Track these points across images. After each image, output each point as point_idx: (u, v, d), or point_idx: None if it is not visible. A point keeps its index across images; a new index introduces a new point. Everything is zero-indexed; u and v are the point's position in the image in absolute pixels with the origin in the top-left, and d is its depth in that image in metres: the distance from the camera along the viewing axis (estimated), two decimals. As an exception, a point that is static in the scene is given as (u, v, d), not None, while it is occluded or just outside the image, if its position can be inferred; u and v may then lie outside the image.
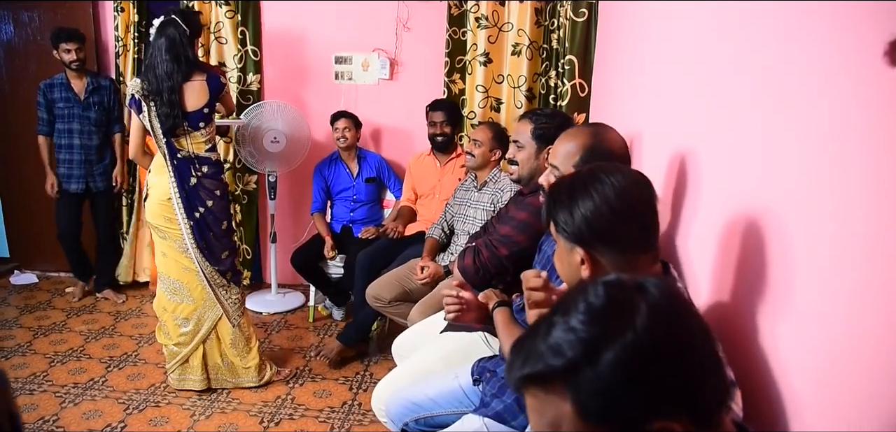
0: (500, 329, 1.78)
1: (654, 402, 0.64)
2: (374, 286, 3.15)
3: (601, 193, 1.19)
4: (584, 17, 3.22)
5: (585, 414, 0.66)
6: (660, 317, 0.66)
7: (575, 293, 0.72)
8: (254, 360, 3.07)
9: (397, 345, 2.55)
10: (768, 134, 1.18)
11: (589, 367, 0.65)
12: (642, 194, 1.23)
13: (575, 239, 1.21)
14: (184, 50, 2.75)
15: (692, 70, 1.71)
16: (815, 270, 1.00)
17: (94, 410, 2.90)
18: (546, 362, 0.68)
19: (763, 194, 1.21)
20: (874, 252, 0.84)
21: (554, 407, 0.68)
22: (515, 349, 0.74)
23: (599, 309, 0.68)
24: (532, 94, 3.77)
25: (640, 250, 1.23)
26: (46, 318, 3.85)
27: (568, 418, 0.67)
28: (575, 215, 1.20)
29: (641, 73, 2.35)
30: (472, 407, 1.87)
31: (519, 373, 0.71)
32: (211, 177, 2.90)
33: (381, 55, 3.98)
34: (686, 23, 1.80)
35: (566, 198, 1.23)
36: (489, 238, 2.21)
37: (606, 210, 1.18)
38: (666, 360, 0.65)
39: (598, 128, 1.78)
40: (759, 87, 1.25)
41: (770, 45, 1.21)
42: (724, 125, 1.43)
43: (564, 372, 0.66)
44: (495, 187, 3.06)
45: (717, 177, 1.47)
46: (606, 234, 1.19)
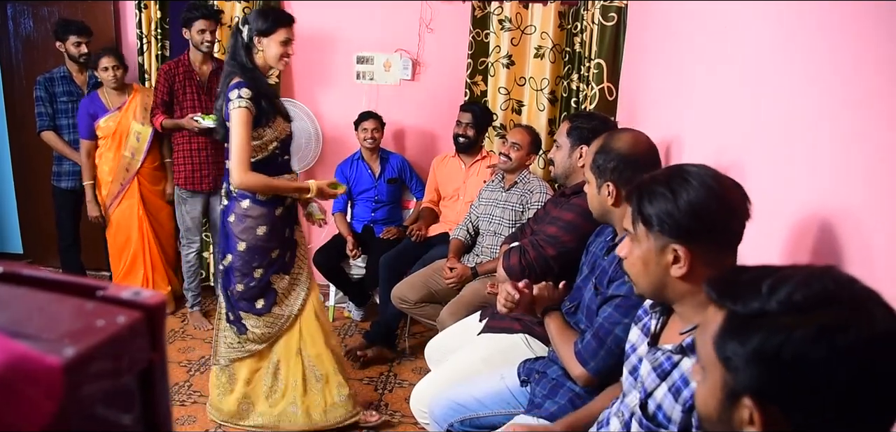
0: (555, 333, 1.78)
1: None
2: (399, 287, 3.15)
3: (703, 183, 1.16)
4: (613, 21, 3.23)
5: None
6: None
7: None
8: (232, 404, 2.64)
9: (431, 349, 2.55)
10: (832, 139, 1.18)
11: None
12: (736, 187, 1.20)
13: (676, 232, 1.17)
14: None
15: (737, 75, 1.72)
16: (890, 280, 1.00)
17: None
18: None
19: (827, 200, 1.20)
20: None
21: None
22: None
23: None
24: (554, 97, 3.77)
25: (736, 244, 1.20)
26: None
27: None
28: (680, 205, 1.15)
29: (676, 77, 2.35)
30: (520, 409, 1.87)
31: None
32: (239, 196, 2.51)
33: (403, 56, 3.97)
34: (730, 27, 1.80)
35: (664, 190, 1.18)
36: (535, 238, 2.21)
37: (714, 198, 1.15)
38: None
39: (616, 131, 1.83)
40: (817, 91, 1.24)
41: (826, 47, 1.22)
42: (777, 130, 1.43)
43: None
44: (525, 188, 3.06)
45: (768, 182, 1.47)
46: (714, 225, 1.16)
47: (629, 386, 1.38)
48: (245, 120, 2.26)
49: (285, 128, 2.46)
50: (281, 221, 2.47)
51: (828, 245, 1.20)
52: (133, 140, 3.58)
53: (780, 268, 0.79)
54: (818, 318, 0.71)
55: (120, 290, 0.58)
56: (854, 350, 0.69)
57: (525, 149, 3.10)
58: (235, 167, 2.28)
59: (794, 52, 1.40)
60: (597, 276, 1.74)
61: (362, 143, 3.77)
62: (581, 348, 1.64)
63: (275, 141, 2.41)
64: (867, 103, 1.07)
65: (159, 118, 3.45)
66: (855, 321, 0.70)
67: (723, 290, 0.80)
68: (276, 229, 2.46)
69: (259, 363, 2.62)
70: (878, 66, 1.04)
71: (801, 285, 0.74)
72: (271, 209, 2.44)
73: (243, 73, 2.34)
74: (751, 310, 0.75)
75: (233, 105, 2.27)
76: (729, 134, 1.76)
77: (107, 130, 3.54)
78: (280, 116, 2.44)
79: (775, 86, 1.47)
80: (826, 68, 1.23)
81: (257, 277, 2.47)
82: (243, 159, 2.27)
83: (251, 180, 2.31)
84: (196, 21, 3.37)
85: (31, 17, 4.10)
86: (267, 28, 2.34)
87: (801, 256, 1.29)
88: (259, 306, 2.51)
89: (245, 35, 2.36)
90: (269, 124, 2.37)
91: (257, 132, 2.34)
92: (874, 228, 1.07)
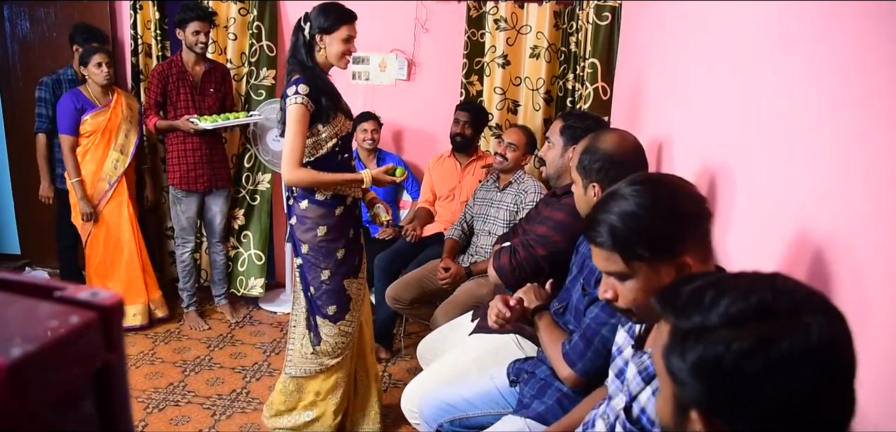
0: (544, 334, 1.77)
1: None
2: (393, 287, 3.15)
3: (636, 199, 1.13)
4: (607, 21, 3.22)
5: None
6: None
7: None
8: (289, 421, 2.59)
9: (423, 348, 2.55)
10: (831, 139, 1.17)
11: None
12: (680, 186, 1.20)
13: (668, 254, 1.13)
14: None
15: (730, 74, 1.71)
16: (883, 292, 0.99)
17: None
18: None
19: (823, 202, 1.19)
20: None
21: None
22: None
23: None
24: (550, 97, 3.77)
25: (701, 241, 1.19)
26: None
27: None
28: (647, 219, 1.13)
29: (669, 76, 2.35)
30: (509, 409, 1.87)
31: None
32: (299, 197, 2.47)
33: (398, 56, 3.97)
34: (724, 28, 1.79)
35: (627, 215, 1.14)
36: (525, 238, 2.21)
37: (646, 212, 1.13)
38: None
39: (602, 131, 1.82)
40: (814, 90, 1.23)
41: (824, 46, 1.21)
42: (772, 130, 1.42)
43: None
44: (519, 188, 3.06)
45: (761, 182, 1.46)
46: (695, 222, 1.15)
47: (615, 389, 1.37)
48: (299, 116, 2.21)
49: (346, 126, 2.40)
50: (343, 221, 2.41)
51: (823, 246, 1.19)
52: (122, 138, 3.55)
53: (724, 278, 0.79)
54: (753, 331, 0.71)
55: (78, 291, 0.58)
56: (788, 361, 0.70)
57: (521, 149, 3.10)
58: (284, 163, 2.25)
59: (789, 51, 1.39)
60: (585, 277, 1.74)
61: (361, 144, 3.77)
62: (568, 349, 1.64)
63: (334, 138, 2.35)
64: (866, 103, 1.06)
65: (153, 119, 3.45)
66: (789, 332, 0.71)
67: (666, 303, 0.80)
68: (339, 229, 2.40)
69: (328, 380, 2.54)
70: (877, 65, 1.03)
71: (738, 298, 0.74)
72: (331, 208, 2.38)
73: (303, 70, 2.30)
74: (693, 324, 0.75)
75: (289, 101, 2.24)
76: (721, 133, 1.75)
77: (94, 126, 3.48)
78: (342, 114, 2.38)
79: (770, 85, 1.45)
80: (823, 67, 1.22)
81: (326, 279, 2.41)
82: (293, 156, 2.22)
83: (299, 175, 2.25)
84: (190, 22, 3.37)
85: (28, 19, 4.11)
86: (329, 25, 2.30)
87: (797, 257, 1.28)
88: (331, 312, 2.44)
89: (306, 32, 2.32)
90: (329, 121, 2.32)
91: (315, 129, 2.29)
92: (873, 230, 1.06)
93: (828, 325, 0.73)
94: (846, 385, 0.74)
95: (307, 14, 2.34)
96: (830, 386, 0.73)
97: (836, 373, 0.73)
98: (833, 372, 0.73)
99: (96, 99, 3.49)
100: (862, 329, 1.04)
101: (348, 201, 2.43)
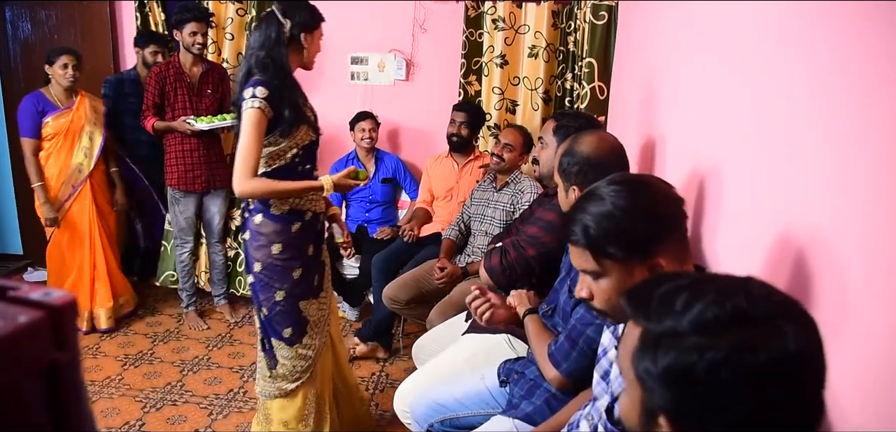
0: (532, 335, 1.77)
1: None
2: (390, 287, 3.15)
3: (613, 200, 1.13)
4: (603, 20, 3.22)
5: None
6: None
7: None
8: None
9: (417, 348, 2.55)
10: (831, 141, 1.15)
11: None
12: (660, 189, 1.19)
13: (641, 256, 1.12)
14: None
15: (716, 77, 1.70)
16: (867, 281, 0.98)
17: (112, 408, 2.90)
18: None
19: (801, 201, 1.18)
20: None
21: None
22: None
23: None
24: (548, 97, 3.76)
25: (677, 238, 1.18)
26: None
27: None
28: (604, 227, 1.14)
29: (665, 76, 2.34)
30: (499, 409, 1.87)
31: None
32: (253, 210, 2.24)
33: (397, 56, 3.98)
34: (710, 28, 1.78)
35: (605, 219, 1.14)
36: (516, 238, 2.20)
37: (620, 214, 1.13)
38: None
39: (581, 133, 1.80)
40: (813, 91, 1.22)
41: (825, 47, 1.19)
42: (769, 131, 1.40)
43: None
44: (516, 188, 3.05)
45: (746, 187, 1.45)
46: (637, 240, 1.12)
47: (600, 390, 1.37)
48: (255, 121, 2.00)
49: (307, 136, 2.17)
50: (300, 238, 2.20)
51: (808, 246, 1.18)
52: (86, 140, 3.52)
53: (695, 280, 0.77)
54: (728, 338, 0.69)
55: (30, 291, 0.58)
56: (764, 370, 0.68)
57: (517, 149, 3.10)
58: (236, 172, 2.01)
59: (787, 51, 1.38)
60: (572, 278, 1.73)
61: (359, 144, 3.78)
62: (554, 350, 1.64)
63: (294, 149, 2.13)
64: (866, 104, 1.05)
65: (151, 120, 3.46)
66: (766, 341, 0.69)
67: (637, 305, 0.78)
68: (296, 247, 2.20)
69: (290, 406, 2.32)
70: (879, 65, 1.02)
71: (712, 303, 0.72)
72: (287, 224, 2.17)
73: (266, 70, 2.06)
74: (664, 328, 0.73)
75: (245, 104, 2.02)
76: (712, 133, 1.74)
77: (57, 128, 3.44)
78: (305, 125, 2.15)
79: (766, 85, 1.44)
80: (823, 69, 1.20)
81: (280, 299, 2.21)
82: (246, 164, 2.00)
83: (252, 185, 2.03)
84: (188, 23, 3.38)
85: (29, 21, 4.13)
86: (314, 24, 2.11)
87: (783, 257, 1.27)
88: (286, 335, 2.24)
89: (287, 31, 2.08)
90: (288, 133, 2.10)
91: (273, 137, 2.07)
92: (857, 231, 1.05)
93: (802, 333, 0.72)
94: (817, 392, 0.73)
95: (284, 9, 2.09)
96: (803, 394, 0.72)
97: (809, 381, 0.72)
98: (806, 381, 0.72)
99: (58, 100, 3.46)
100: (844, 329, 1.04)
101: (307, 216, 2.21)
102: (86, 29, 4.06)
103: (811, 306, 1.10)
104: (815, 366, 0.73)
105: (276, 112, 2.04)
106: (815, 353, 0.73)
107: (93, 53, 4.08)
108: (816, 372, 0.73)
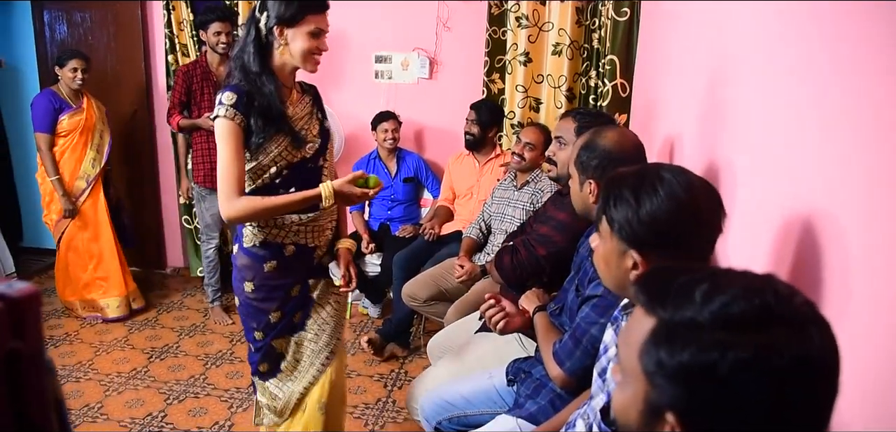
0: (539, 333, 1.76)
1: None
2: (409, 285, 3.16)
3: (672, 194, 1.10)
4: (625, 17, 3.17)
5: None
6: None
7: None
8: None
9: (432, 345, 2.55)
10: (854, 141, 1.11)
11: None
12: (710, 198, 1.15)
13: (634, 241, 1.13)
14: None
15: (734, 72, 1.66)
16: (869, 280, 0.95)
17: (137, 399, 2.97)
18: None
19: (812, 200, 1.15)
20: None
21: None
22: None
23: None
24: (572, 95, 3.72)
25: (703, 257, 1.16)
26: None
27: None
28: (641, 215, 1.11)
29: (687, 73, 2.29)
30: (505, 408, 1.86)
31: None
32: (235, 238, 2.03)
33: (420, 54, 3.98)
34: (728, 24, 1.74)
35: (630, 195, 1.13)
36: (527, 237, 2.19)
37: (678, 212, 1.09)
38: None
39: (603, 128, 1.76)
40: (810, 89, 1.19)
41: (823, 46, 1.16)
42: (767, 128, 1.37)
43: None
44: (535, 187, 3.03)
45: (757, 181, 1.41)
46: (675, 239, 1.11)
47: (597, 388, 1.35)
48: (225, 133, 1.75)
49: (291, 153, 1.86)
50: (276, 276, 1.92)
51: (831, 249, 1.14)
52: (97, 138, 3.67)
53: (715, 273, 0.73)
54: (757, 338, 0.65)
55: (-8, 282, 0.60)
56: (787, 373, 0.65)
57: (539, 148, 3.07)
58: (220, 196, 1.78)
59: (808, 51, 1.33)
60: (579, 277, 1.71)
61: (381, 144, 3.80)
62: (558, 348, 1.62)
63: (273, 166, 1.83)
64: (880, 107, 1.00)
65: (176, 118, 3.54)
66: (794, 343, 0.66)
67: (652, 294, 0.73)
68: (270, 288, 1.93)
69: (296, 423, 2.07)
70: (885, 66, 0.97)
71: (739, 298, 0.67)
72: (258, 262, 1.90)
73: (243, 73, 1.83)
74: (682, 319, 0.68)
75: (212, 114, 1.81)
76: (738, 134, 1.69)
77: (72, 125, 3.59)
78: (284, 137, 1.84)
79: (788, 85, 1.39)
80: (846, 67, 1.15)
81: (259, 338, 2.00)
82: (227, 183, 1.75)
83: (237, 207, 1.77)
84: (212, 23, 3.45)
85: (66, 23, 4.26)
86: (292, 15, 1.79)
87: (790, 255, 1.23)
88: (262, 370, 2.04)
89: (263, 25, 1.82)
90: (260, 148, 1.81)
91: (249, 152, 1.81)
92: (853, 229, 1.02)
93: (826, 337, 0.68)
94: (830, 397, 0.70)
95: (263, 3, 1.83)
96: (818, 399, 0.69)
97: (825, 387, 0.69)
98: (824, 386, 0.69)
99: (71, 100, 3.61)
100: (844, 329, 1.00)
101: (288, 251, 1.91)
102: (118, 29, 4.17)
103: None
104: (833, 372, 0.69)
105: (247, 121, 1.79)
106: (835, 359, 0.69)
107: (125, 54, 4.19)
108: (834, 377, 0.70)
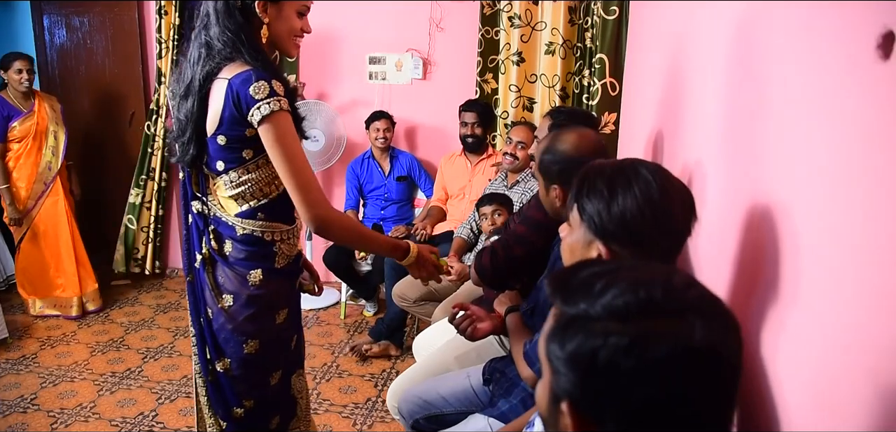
0: (511, 334, 1.76)
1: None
2: (399, 285, 3.17)
3: (646, 192, 1.09)
4: (614, 16, 3.16)
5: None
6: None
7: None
8: None
9: (418, 344, 2.56)
10: (773, 134, 1.11)
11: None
12: (684, 204, 1.15)
13: (601, 234, 1.12)
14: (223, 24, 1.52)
15: (698, 70, 1.65)
16: (822, 273, 0.94)
17: (129, 399, 3.00)
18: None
19: (769, 193, 1.14)
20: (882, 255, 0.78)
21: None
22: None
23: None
24: (565, 94, 3.71)
25: (670, 257, 1.15)
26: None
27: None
28: (612, 210, 1.10)
29: (675, 72, 2.28)
30: (480, 407, 1.86)
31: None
32: (237, 262, 1.65)
33: (414, 55, 3.99)
34: (690, 23, 1.73)
35: (604, 188, 1.13)
36: (505, 237, 2.18)
37: (650, 211, 1.09)
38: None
39: (562, 131, 1.73)
40: (765, 86, 1.18)
41: (780, 43, 1.15)
42: (728, 123, 1.36)
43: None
44: (526, 186, 3.03)
45: (721, 177, 1.40)
46: (642, 238, 1.10)
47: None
48: (291, 128, 1.50)
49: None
50: (266, 292, 1.68)
51: (763, 238, 1.14)
52: (51, 139, 3.69)
53: (618, 267, 0.74)
54: (633, 327, 0.67)
55: None
56: (664, 363, 0.66)
57: (530, 146, 3.07)
58: (304, 196, 1.51)
59: (795, 48, 1.31)
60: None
61: (374, 143, 3.81)
62: (528, 349, 1.62)
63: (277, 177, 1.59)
64: (807, 98, 1.00)
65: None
66: (670, 334, 0.67)
67: (556, 288, 0.75)
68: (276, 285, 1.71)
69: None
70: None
71: (626, 290, 0.69)
72: (242, 272, 1.66)
73: (256, 57, 1.50)
74: (576, 312, 0.71)
75: (263, 109, 1.45)
76: (696, 128, 1.69)
77: (24, 131, 3.60)
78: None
79: (773, 84, 1.37)
80: (839, 67, 1.13)
81: (276, 382, 1.80)
82: (317, 186, 1.53)
83: (335, 217, 1.58)
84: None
85: (65, 28, 4.31)
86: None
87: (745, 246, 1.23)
88: (274, 426, 1.85)
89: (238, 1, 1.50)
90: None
91: (262, 158, 1.55)
92: (806, 222, 1.01)
93: (714, 330, 0.69)
94: (726, 394, 0.71)
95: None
96: (707, 394, 0.69)
97: (715, 381, 0.69)
98: (712, 380, 0.69)
99: (20, 105, 3.61)
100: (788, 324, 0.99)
101: (279, 263, 1.67)
102: (116, 33, 4.22)
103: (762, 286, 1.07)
104: (723, 367, 0.70)
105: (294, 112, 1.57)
106: (725, 354, 0.70)
107: (123, 56, 4.24)
108: (725, 373, 0.70)
